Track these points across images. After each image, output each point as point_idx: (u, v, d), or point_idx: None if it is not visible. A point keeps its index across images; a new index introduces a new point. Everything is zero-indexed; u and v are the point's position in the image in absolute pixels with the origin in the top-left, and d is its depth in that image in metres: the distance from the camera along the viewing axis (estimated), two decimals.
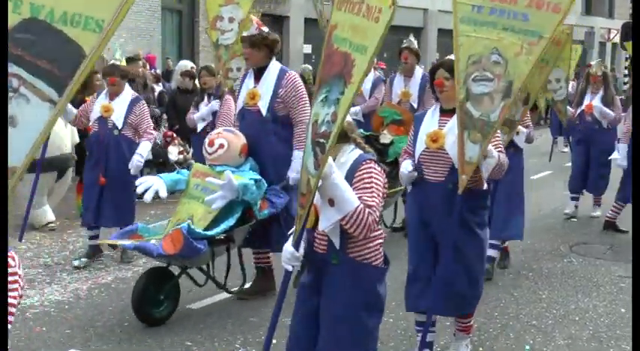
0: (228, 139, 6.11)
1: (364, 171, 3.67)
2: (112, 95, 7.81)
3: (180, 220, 5.92)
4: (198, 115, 9.15)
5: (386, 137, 8.24)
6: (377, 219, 3.62)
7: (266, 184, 6.17)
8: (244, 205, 5.98)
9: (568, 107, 9.95)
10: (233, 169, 5.97)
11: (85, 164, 8.28)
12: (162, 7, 21.89)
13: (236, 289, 6.66)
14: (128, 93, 7.95)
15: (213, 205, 5.74)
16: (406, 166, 5.01)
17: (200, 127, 9.17)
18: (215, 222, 5.86)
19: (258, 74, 6.49)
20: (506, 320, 6.33)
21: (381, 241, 3.84)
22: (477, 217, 4.93)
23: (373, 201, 3.58)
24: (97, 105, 7.82)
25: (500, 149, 4.90)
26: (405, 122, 8.16)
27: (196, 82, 11.85)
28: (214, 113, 9.06)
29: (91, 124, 7.93)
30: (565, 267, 8.03)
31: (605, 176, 10.14)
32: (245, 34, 6.59)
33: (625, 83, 33.67)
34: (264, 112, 6.36)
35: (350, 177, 3.63)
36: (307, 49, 26.38)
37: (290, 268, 3.63)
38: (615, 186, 9.86)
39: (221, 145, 6.04)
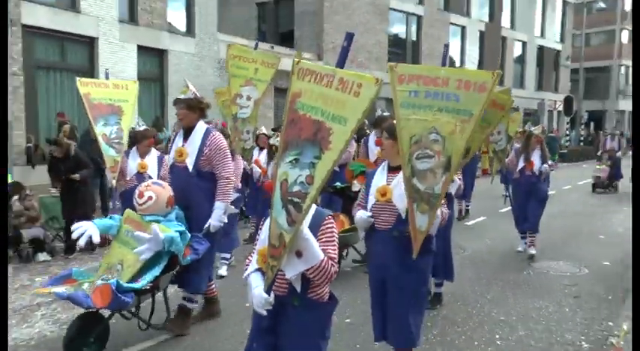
0: (156, 191, 5.39)
1: (328, 226, 3.30)
2: (143, 154, 7.46)
3: (111, 263, 5.28)
4: None
5: (356, 186, 7.79)
6: (337, 269, 3.28)
7: (189, 234, 5.45)
8: (170, 254, 5.26)
9: (509, 158, 9.56)
10: (160, 218, 5.33)
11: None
12: None
13: (161, 324, 5.69)
14: (154, 153, 7.58)
15: (141, 256, 5.07)
16: (362, 214, 4.52)
17: None
18: (143, 270, 5.14)
19: (187, 134, 5.83)
20: (481, 317, 6.42)
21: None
22: (421, 260, 4.34)
23: (335, 253, 3.24)
24: (132, 163, 7.44)
25: (445, 204, 4.54)
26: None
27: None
28: None
29: (128, 178, 7.49)
30: (525, 277, 8.11)
31: (539, 217, 9.37)
32: (182, 97, 5.82)
33: (567, 141, 33.70)
34: (190, 168, 5.72)
35: (313, 229, 3.19)
36: None
37: (264, 313, 3.15)
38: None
39: (150, 197, 5.33)
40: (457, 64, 32.30)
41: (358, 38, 24.75)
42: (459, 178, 5.91)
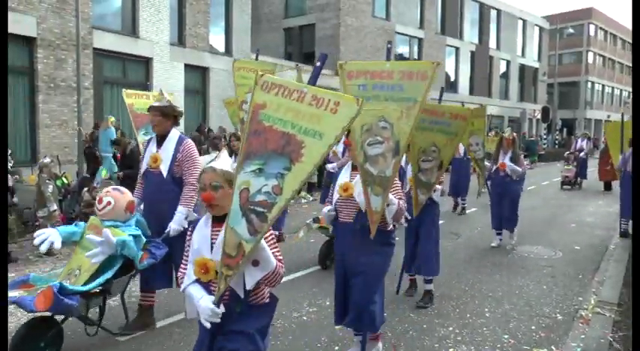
0: (115, 197, 4.60)
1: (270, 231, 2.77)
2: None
3: (71, 269, 4.47)
4: None
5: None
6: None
7: (144, 239, 4.63)
8: (124, 258, 4.46)
9: (486, 163, 8.85)
10: (119, 224, 4.56)
11: None
12: None
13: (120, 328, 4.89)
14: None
15: (92, 259, 4.32)
16: (325, 209, 4.36)
17: None
18: (97, 274, 4.33)
19: (161, 140, 5.07)
20: (473, 292, 6.35)
21: None
22: (381, 250, 4.15)
23: (281, 255, 2.78)
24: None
25: (399, 197, 4.16)
26: None
27: None
28: None
29: None
30: (509, 260, 8.01)
31: (515, 215, 8.75)
32: (156, 104, 5.08)
33: (544, 144, 33.37)
34: (164, 174, 4.98)
35: None
36: None
37: (209, 326, 2.66)
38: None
39: (108, 203, 4.56)
40: (452, 78, 32.13)
41: (369, 57, 24.71)
42: (440, 184, 5.76)
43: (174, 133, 5.09)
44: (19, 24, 12.65)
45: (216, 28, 19.25)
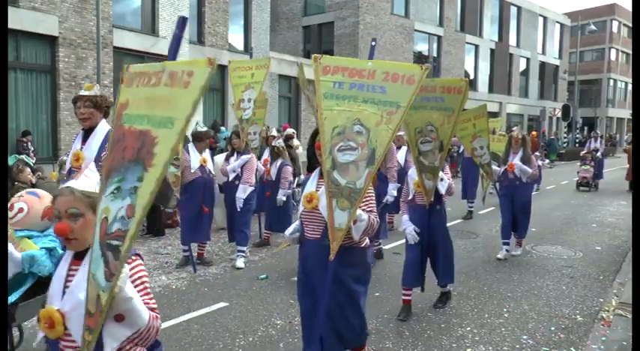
0: (28, 202, 3.81)
1: (137, 269, 2.10)
2: (201, 151, 7.22)
3: None
4: (230, 167, 7.46)
5: None
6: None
7: (60, 251, 3.60)
8: (36, 277, 3.62)
9: (495, 167, 7.94)
10: (34, 233, 3.79)
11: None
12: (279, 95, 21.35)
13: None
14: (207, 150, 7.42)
15: None
16: (288, 231, 3.76)
17: (231, 177, 7.50)
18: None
19: (86, 135, 4.27)
20: (491, 293, 6.29)
21: None
22: (352, 271, 3.58)
23: (154, 303, 2.12)
24: (194, 158, 7.12)
25: (371, 209, 3.59)
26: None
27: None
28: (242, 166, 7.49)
29: (192, 171, 7.05)
30: (528, 259, 7.92)
31: (527, 222, 8.11)
32: (85, 93, 4.22)
33: (564, 142, 33.02)
34: None
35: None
36: None
37: None
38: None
39: (20, 209, 3.77)
40: (471, 76, 31.88)
41: (387, 55, 24.60)
42: (448, 178, 5.27)
43: (102, 127, 4.26)
44: (41, 23, 12.83)
45: (235, 27, 19.31)
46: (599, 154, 17.57)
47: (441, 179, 5.15)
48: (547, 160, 16.56)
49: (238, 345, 4.66)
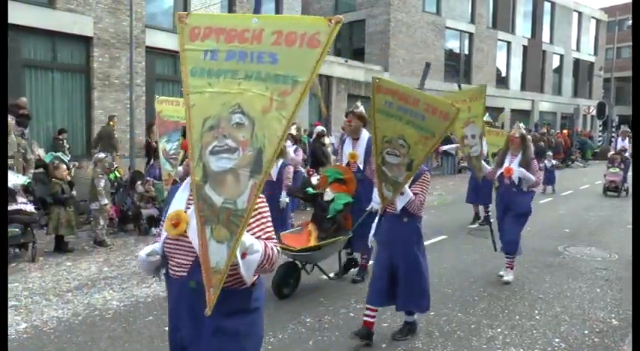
0: None
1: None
2: None
3: None
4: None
5: (328, 194, 6.11)
6: None
7: None
8: None
9: (485, 164, 6.91)
10: None
11: None
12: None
13: None
14: None
15: None
16: (142, 252, 2.54)
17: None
18: None
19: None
20: (522, 294, 6.22)
21: None
22: (237, 322, 2.46)
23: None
24: None
25: (268, 234, 2.48)
26: (347, 181, 6.17)
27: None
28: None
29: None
30: (561, 261, 7.79)
31: (516, 236, 6.72)
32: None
33: (599, 141, 32.34)
34: None
35: None
36: None
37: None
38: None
39: None
40: (503, 73, 31.45)
41: (417, 53, 24.45)
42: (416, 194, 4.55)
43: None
44: (77, 24, 13.10)
45: None
46: (627, 154, 15.51)
47: (402, 193, 4.50)
48: (554, 161, 15.73)
49: (268, 342, 4.70)
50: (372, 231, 4.89)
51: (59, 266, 7.14)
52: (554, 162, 15.22)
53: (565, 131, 29.62)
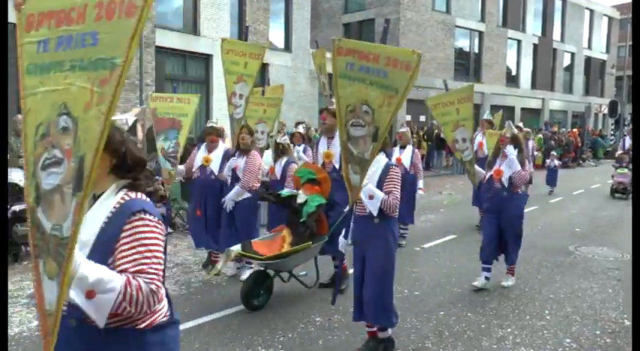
0: None
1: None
2: (210, 149, 6.67)
3: None
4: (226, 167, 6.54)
5: (301, 197, 5.61)
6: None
7: None
8: None
9: (479, 169, 6.45)
10: None
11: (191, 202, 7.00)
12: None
13: None
14: (222, 148, 6.71)
15: None
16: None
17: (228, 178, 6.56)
18: None
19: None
20: (532, 294, 6.18)
21: None
22: None
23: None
24: (198, 156, 6.71)
25: (139, 269, 1.88)
26: (320, 181, 5.66)
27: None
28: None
29: (194, 170, 6.76)
30: (572, 260, 7.74)
31: (517, 245, 6.41)
32: None
33: (611, 140, 32.10)
34: None
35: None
36: None
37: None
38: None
39: None
40: (513, 72, 31.29)
41: (428, 52, 24.39)
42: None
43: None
44: None
45: (275, 24, 19.45)
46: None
47: (371, 197, 4.12)
48: (557, 162, 15.37)
49: (278, 341, 4.71)
50: (343, 233, 4.44)
51: None
52: (557, 162, 15.01)
53: (576, 130, 29.40)
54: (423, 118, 23.82)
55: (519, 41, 31.39)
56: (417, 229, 9.49)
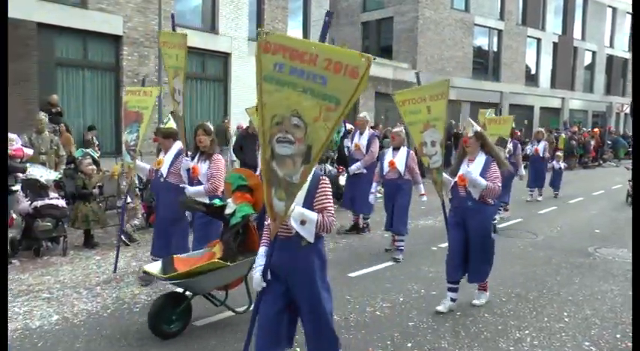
0: None
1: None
2: (165, 150, 6.18)
3: None
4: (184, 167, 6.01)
5: (230, 206, 4.69)
6: None
7: None
8: None
9: (448, 177, 5.53)
10: None
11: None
12: None
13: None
14: (175, 148, 6.14)
15: None
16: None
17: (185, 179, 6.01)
18: None
19: None
20: (551, 296, 6.11)
21: None
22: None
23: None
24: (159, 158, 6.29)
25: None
26: (253, 188, 4.69)
27: None
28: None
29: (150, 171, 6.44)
30: (591, 262, 7.65)
31: (487, 262, 5.52)
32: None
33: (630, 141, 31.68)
34: None
35: None
36: None
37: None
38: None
39: None
40: (532, 71, 30.95)
41: (446, 51, 24.25)
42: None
43: None
44: (108, 24, 13.33)
45: (293, 23, 19.48)
46: None
47: (303, 221, 3.35)
48: (563, 164, 14.99)
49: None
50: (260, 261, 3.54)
51: (89, 260, 7.28)
52: (562, 164, 14.77)
53: (597, 130, 29.05)
54: None
55: (539, 40, 31.07)
56: (433, 228, 9.45)
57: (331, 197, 3.53)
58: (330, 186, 3.56)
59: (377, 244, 8.27)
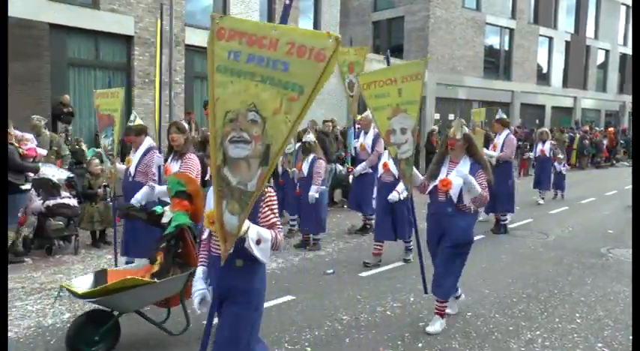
0: None
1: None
2: (135, 149, 6.01)
3: None
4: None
5: (167, 215, 4.45)
6: None
7: None
8: None
9: (417, 173, 5.01)
10: None
11: None
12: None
13: None
14: (144, 146, 5.94)
15: None
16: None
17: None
18: None
19: None
20: (562, 296, 6.08)
21: None
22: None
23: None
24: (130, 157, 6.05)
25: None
26: (191, 195, 4.38)
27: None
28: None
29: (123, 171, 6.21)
30: (604, 263, 7.60)
31: (454, 275, 4.95)
32: None
33: None
34: None
35: None
36: None
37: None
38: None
39: None
40: (544, 70, 30.77)
41: (457, 50, 24.17)
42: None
43: None
44: (119, 24, 13.40)
45: (304, 23, 19.48)
46: None
47: (259, 241, 2.95)
48: (566, 166, 14.71)
49: (304, 338, 4.73)
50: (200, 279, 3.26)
51: (100, 259, 7.33)
52: (565, 166, 14.60)
53: (611, 129, 28.80)
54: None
55: (551, 38, 30.85)
56: None
57: (277, 211, 3.15)
58: (275, 197, 3.15)
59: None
